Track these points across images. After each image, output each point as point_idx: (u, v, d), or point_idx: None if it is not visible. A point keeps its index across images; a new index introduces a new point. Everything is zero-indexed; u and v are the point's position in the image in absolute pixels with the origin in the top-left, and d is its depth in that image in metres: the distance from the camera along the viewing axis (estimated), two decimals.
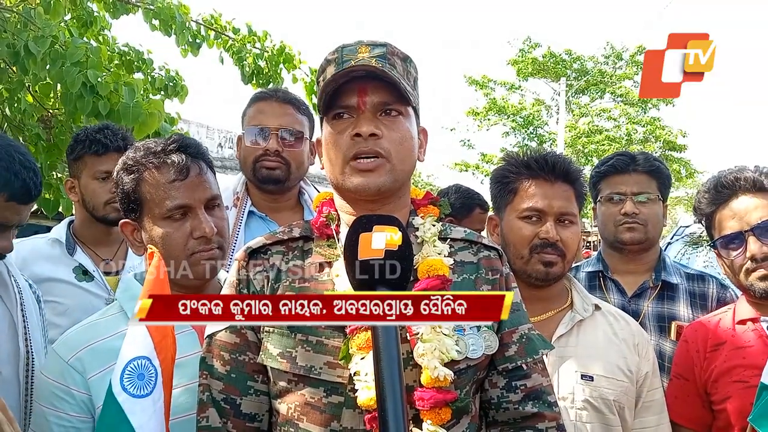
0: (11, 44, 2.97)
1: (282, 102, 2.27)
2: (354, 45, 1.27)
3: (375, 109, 1.24)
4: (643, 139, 20.21)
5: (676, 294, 2.12)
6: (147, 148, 1.55)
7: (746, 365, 1.67)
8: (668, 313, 2.10)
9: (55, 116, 3.60)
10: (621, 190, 2.15)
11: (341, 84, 1.23)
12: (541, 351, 1.33)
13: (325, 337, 1.20)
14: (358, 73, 1.22)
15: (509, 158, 1.80)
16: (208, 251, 1.52)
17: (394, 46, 1.29)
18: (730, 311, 1.83)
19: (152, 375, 1.23)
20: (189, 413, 1.35)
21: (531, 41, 20.97)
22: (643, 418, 1.70)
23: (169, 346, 1.28)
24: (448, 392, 1.17)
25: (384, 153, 1.23)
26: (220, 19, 4.38)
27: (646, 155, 2.21)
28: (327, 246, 1.30)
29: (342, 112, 1.26)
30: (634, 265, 2.19)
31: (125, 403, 1.20)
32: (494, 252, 1.37)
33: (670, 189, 2.26)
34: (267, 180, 2.22)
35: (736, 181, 1.74)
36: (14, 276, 1.79)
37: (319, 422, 1.18)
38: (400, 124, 1.26)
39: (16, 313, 1.71)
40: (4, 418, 1.20)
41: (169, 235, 1.50)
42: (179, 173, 1.51)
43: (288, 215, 2.29)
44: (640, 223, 2.11)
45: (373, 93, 1.24)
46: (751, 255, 1.68)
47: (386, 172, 1.24)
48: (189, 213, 1.52)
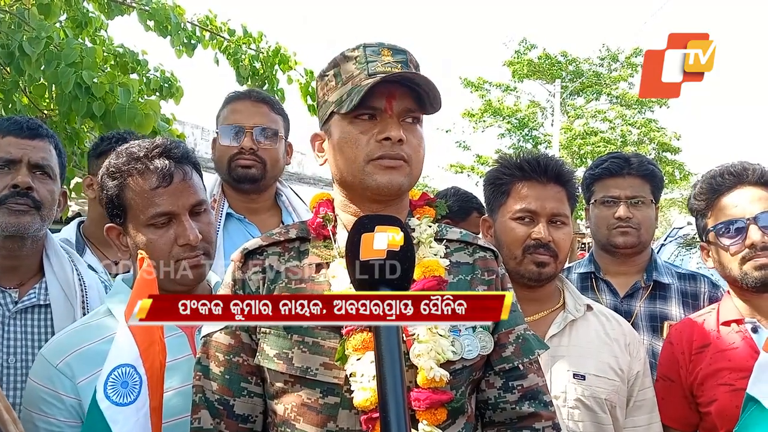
0: (5, 45, 2.96)
1: (256, 101, 2.27)
2: (376, 46, 1.29)
3: (399, 115, 1.26)
4: (637, 141, 20.30)
5: (667, 294, 2.13)
6: (130, 153, 1.52)
7: (732, 368, 1.67)
8: (660, 313, 2.11)
9: (49, 117, 3.59)
10: (615, 193, 2.14)
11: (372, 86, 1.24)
12: (537, 351, 1.34)
13: (321, 338, 1.21)
14: (393, 77, 1.23)
15: (502, 160, 1.82)
16: (193, 258, 1.51)
17: (412, 54, 1.32)
18: (713, 312, 1.83)
19: (137, 383, 1.22)
20: (181, 416, 1.35)
21: (526, 43, 21.06)
22: (635, 417, 1.72)
23: (157, 353, 1.27)
24: (444, 393, 1.18)
25: (406, 158, 1.26)
26: (215, 20, 4.37)
27: (640, 158, 2.20)
28: (324, 247, 1.31)
29: (366, 113, 1.27)
30: (626, 267, 2.19)
31: (107, 410, 1.20)
32: (490, 253, 1.38)
33: (662, 191, 2.27)
34: (243, 179, 2.21)
35: (744, 170, 1.74)
36: (81, 274, 1.83)
37: (315, 423, 1.19)
38: (417, 130, 1.30)
39: (77, 311, 1.76)
40: (9, 418, 1.20)
41: (153, 242, 1.49)
42: (162, 180, 1.48)
43: (265, 217, 2.28)
44: (633, 227, 2.12)
45: (400, 99, 1.26)
46: (751, 243, 1.67)
47: (406, 174, 1.27)
48: (173, 220, 1.50)
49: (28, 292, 1.75)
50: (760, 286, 1.67)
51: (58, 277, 1.78)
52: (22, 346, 1.70)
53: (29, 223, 1.69)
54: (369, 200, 1.29)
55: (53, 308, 1.74)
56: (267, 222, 2.26)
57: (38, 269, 1.81)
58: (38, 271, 1.80)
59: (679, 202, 21.39)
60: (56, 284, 1.77)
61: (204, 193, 1.61)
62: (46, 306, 1.75)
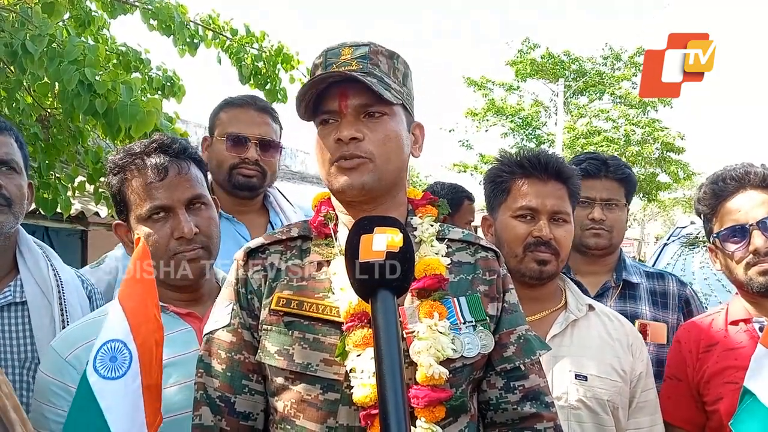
0: (9, 43, 2.96)
1: (259, 111, 2.31)
2: (338, 47, 1.29)
3: (357, 112, 1.25)
4: (641, 141, 20.24)
5: (637, 293, 2.15)
6: (129, 150, 1.57)
7: (738, 366, 1.66)
8: (631, 312, 2.11)
9: (53, 116, 3.60)
10: (591, 195, 2.15)
11: (322, 89, 1.25)
12: (539, 351, 1.34)
13: (321, 335, 1.21)
14: (335, 78, 1.23)
15: (503, 158, 1.81)
16: (189, 251, 1.53)
17: (378, 44, 1.30)
18: (722, 312, 1.83)
19: (126, 358, 1.24)
20: (185, 411, 1.35)
21: (530, 42, 20.99)
22: (637, 419, 1.71)
23: (151, 331, 1.29)
24: (443, 390, 1.18)
25: (366, 155, 1.24)
26: (218, 19, 4.37)
27: (617, 161, 2.22)
28: (325, 245, 1.31)
29: (327, 117, 1.27)
30: (596, 266, 2.21)
31: (95, 384, 1.22)
32: (492, 253, 1.38)
33: (634, 195, 2.29)
34: (243, 187, 2.25)
35: (746, 174, 1.74)
36: (57, 270, 1.81)
37: (315, 419, 1.19)
38: (384, 124, 1.26)
39: (54, 308, 1.74)
40: (17, 418, 1.19)
41: (150, 236, 1.51)
42: (157, 174, 1.52)
43: (254, 217, 2.33)
44: (606, 229, 2.14)
45: (354, 96, 1.24)
46: (754, 248, 1.67)
47: (369, 171, 1.24)
48: (170, 213, 1.53)
49: (2, 290, 1.73)
50: (765, 291, 1.67)
51: (33, 273, 1.75)
52: (1, 345, 1.68)
53: (3, 222, 1.67)
54: (349, 202, 1.30)
55: (30, 305, 1.72)
56: (255, 222, 2.32)
57: (12, 267, 1.77)
58: (12, 268, 1.77)
59: (683, 202, 21.34)
60: (32, 281, 1.74)
61: (204, 187, 1.62)
62: (23, 303, 1.73)
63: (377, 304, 0.99)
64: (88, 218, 6.27)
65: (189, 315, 1.58)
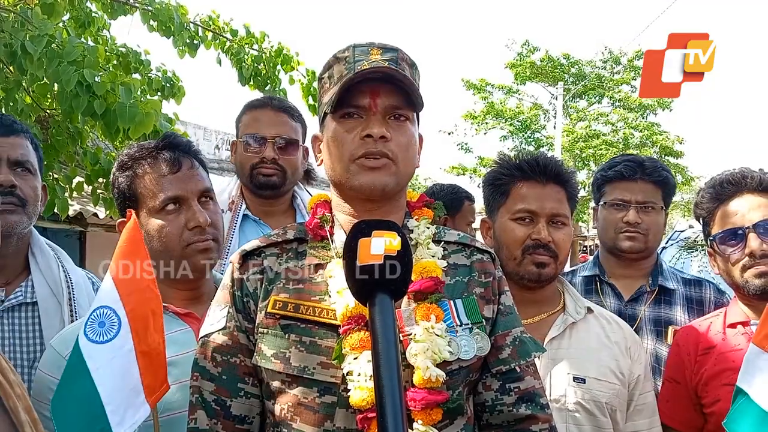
0: (8, 44, 2.96)
1: (277, 110, 2.34)
2: (366, 46, 1.28)
3: (385, 112, 1.26)
4: (640, 144, 20.27)
5: (672, 299, 2.13)
6: (140, 146, 1.61)
7: (735, 369, 1.66)
8: (665, 318, 2.10)
9: (52, 116, 3.60)
10: (626, 197, 2.12)
11: (354, 84, 1.24)
12: (534, 353, 1.34)
13: (318, 338, 1.21)
14: (375, 74, 1.23)
15: (502, 161, 1.81)
16: (203, 241, 1.56)
17: (404, 51, 1.30)
18: (721, 315, 1.84)
19: (114, 323, 1.29)
20: (184, 410, 1.35)
21: (529, 45, 21.04)
22: (635, 422, 1.71)
23: (145, 300, 1.33)
24: (440, 393, 1.18)
25: (391, 155, 1.24)
26: (218, 20, 4.37)
27: (654, 163, 2.18)
28: (321, 248, 1.31)
29: (352, 111, 1.26)
30: (631, 270, 2.18)
31: (85, 347, 1.27)
32: (487, 255, 1.38)
33: (673, 197, 2.24)
34: (264, 186, 2.29)
35: (743, 178, 1.75)
36: (68, 271, 1.83)
37: (312, 422, 1.19)
38: (406, 128, 1.28)
39: (64, 309, 1.76)
40: (27, 419, 1.19)
41: (164, 227, 1.54)
42: (171, 166, 1.56)
43: (280, 219, 2.34)
44: (641, 232, 2.10)
45: (385, 96, 1.25)
46: (750, 251, 1.69)
47: (392, 173, 1.25)
48: (183, 205, 1.57)
49: (14, 290, 1.75)
50: (762, 293, 1.68)
51: (44, 274, 1.78)
52: (10, 344, 1.70)
53: (17, 222, 1.69)
54: (358, 200, 1.29)
55: (40, 306, 1.74)
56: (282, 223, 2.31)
57: (24, 267, 1.80)
58: (24, 269, 1.80)
59: (681, 206, 21.35)
60: (43, 282, 1.77)
61: (210, 183, 1.67)
62: (33, 304, 1.75)
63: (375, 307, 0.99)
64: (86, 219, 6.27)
65: (188, 315, 1.59)
